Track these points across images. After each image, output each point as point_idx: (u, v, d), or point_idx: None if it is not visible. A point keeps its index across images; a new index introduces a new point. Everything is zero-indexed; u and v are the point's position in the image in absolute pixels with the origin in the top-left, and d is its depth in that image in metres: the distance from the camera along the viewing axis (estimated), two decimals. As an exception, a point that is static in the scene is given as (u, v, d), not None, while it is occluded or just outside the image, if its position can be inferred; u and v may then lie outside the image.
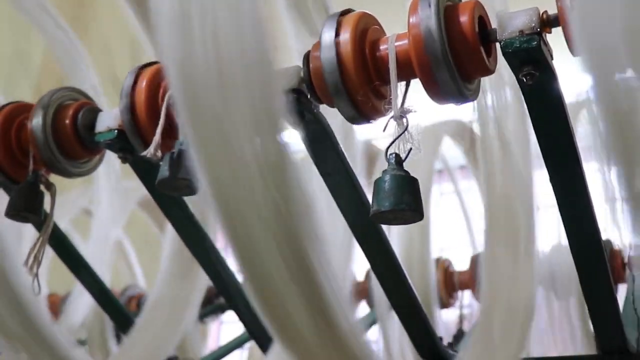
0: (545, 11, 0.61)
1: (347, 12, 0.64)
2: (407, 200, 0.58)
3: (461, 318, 1.48)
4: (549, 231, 1.17)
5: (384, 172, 0.60)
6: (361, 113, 0.63)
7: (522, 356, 0.88)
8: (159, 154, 0.71)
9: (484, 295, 0.88)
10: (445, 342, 1.07)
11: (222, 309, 1.72)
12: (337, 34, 0.62)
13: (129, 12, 1.12)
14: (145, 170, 0.84)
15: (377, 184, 0.59)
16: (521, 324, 0.86)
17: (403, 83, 0.63)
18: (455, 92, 0.60)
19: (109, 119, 0.79)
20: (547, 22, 0.60)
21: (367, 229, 0.80)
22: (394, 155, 0.60)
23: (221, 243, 1.05)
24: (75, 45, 1.24)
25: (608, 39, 0.45)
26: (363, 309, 1.49)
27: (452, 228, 1.73)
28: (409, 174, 0.60)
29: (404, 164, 0.60)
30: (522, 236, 0.85)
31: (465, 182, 1.71)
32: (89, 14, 2.33)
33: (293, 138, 0.68)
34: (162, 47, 0.52)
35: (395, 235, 1.22)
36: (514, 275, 0.86)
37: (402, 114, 0.60)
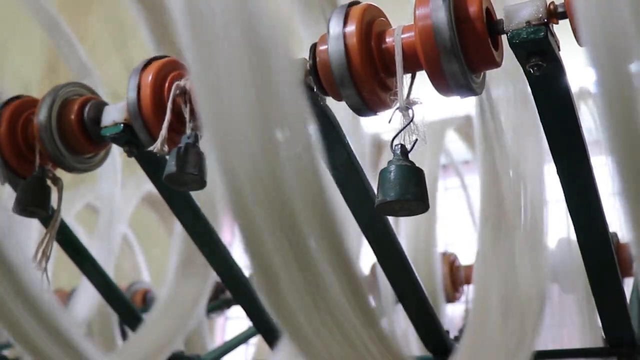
0: (552, 2, 0.60)
1: (353, 4, 0.64)
2: (413, 190, 0.58)
3: (467, 312, 1.48)
4: (556, 225, 1.16)
5: (390, 162, 0.60)
6: (367, 105, 0.63)
7: (527, 350, 0.88)
8: (166, 148, 0.71)
9: (477, 288, 0.88)
10: (451, 336, 1.06)
11: (227, 304, 1.72)
12: (343, 27, 0.62)
13: (130, 5, 1.12)
14: (151, 165, 0.84)
15: (383, 175, 0.59)
16: (523, 318, 0.85)
17: (409, 75, 0.63)
18: (463, 84, 0.60)
19: (115, 112, 0.79)
20: (554, 13, 0.60)
21: (373, 222, 0.80)
22: (399, 146, 0.60)
23: (228, 237, 1.05)
24: (70, 37, 1.24)
25: (615, 28, 0.44)
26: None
27: (457, 223, 1.73)
28: (414, 164, 0.59)
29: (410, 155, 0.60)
30: (523, 229, 0.85)
31: (470, 177, 1.70)
32: (89, 8, 2.34)
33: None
34: (183, 45, 0.52)
35: (402, 229, 1.22)
36: (513, 268, 0.85)
37: (407, 106, 0.60)
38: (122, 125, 0.78)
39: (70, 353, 0.79)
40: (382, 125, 0.64)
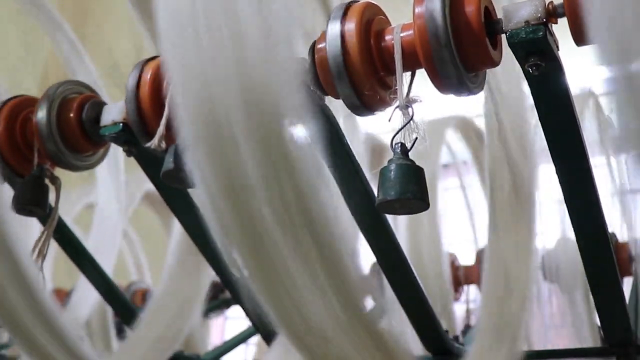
0: (551, 1, 0.60)
1: (353, 3, 0.64)
2: (413, 189, 0.58)
3: (467, 312, 1.48)
4: (555, 224, 1.16)
5: (390, 161, 0.59)
6: (366, 104, 0.63)
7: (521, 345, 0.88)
8: (163, 145, 0.71)
9: (488, 286, 0.88)
10: (451, 336, 1.06)
11: (227, 304, 1.72)
12: (342, 25, 0.61)
13: (130, 9, 1.12)
14: (150, 163, 0.84)
15: (383, 173, 0.59)
16: (522, 313, 0.86)
17: (409, 73, 0.63)
18: (457, 83, 0.60)
19: (114, 112, 0.79)
20: (553, 13, 0.60)
21: (373, 222, 0.80)
22: (399, 144, 0.60)
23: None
24: (74, 42, 1.24)
25: (625, 24, 0.43)
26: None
27: (456, 223, 1.73)
28: (414, 163, 0.59)
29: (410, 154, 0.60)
30: (526, 227, 0.85)
31: (468, 178, 1.70)
32: (91, 11, 2.34)
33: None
34: (163, 43, 0.51)
35: (404, 229, 1.22)
36: (516, 265, 0.86)
37: (407, 104, 0.60)
38: (121, 124, 0.77)
39: (68, 353, 0.79)
40: (382, 126, 0.64)
